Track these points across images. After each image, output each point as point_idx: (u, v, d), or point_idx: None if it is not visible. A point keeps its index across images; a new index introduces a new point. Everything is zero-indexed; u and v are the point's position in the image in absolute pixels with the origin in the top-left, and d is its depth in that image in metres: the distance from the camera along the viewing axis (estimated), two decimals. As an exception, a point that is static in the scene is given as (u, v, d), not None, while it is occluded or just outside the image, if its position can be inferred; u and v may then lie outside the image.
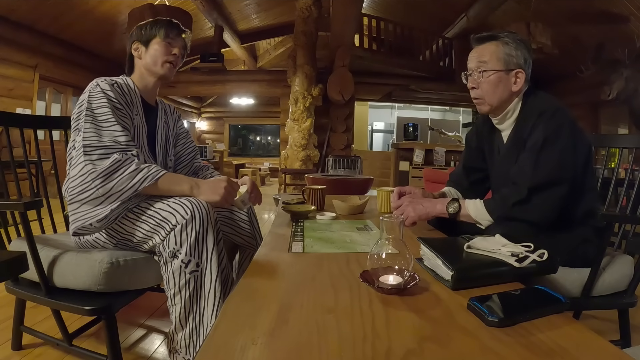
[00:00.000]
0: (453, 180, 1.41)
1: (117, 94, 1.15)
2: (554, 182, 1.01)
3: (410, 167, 5.85)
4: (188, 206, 1.02)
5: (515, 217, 1.03)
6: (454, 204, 1.11)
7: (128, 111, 1.17)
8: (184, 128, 1.50)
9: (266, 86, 7.42)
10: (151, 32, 1.25)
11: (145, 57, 1.26)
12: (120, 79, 1.23)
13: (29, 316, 1.34)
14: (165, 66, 1.26)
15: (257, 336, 0.53)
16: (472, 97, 1.18)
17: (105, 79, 1.16)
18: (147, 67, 1.26)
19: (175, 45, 1.28)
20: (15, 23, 4.74)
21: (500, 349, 0.51)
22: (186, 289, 1.00)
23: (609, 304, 1.12)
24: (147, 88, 1.29)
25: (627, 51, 4.45)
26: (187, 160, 1.47)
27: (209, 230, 1.03)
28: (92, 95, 1.11)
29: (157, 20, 1.27)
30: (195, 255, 1.00)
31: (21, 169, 1.38)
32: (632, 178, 1.45)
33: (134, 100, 1.23)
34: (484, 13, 5.79)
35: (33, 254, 1.00)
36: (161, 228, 1.02)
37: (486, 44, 1.13)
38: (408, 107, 10.65)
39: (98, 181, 1.00)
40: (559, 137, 1.01)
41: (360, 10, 5.40)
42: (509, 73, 1.11)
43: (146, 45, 1.26)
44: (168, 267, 1.01)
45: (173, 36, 1.28)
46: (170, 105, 1.47)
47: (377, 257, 0.70)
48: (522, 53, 1.11)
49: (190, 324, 1.01)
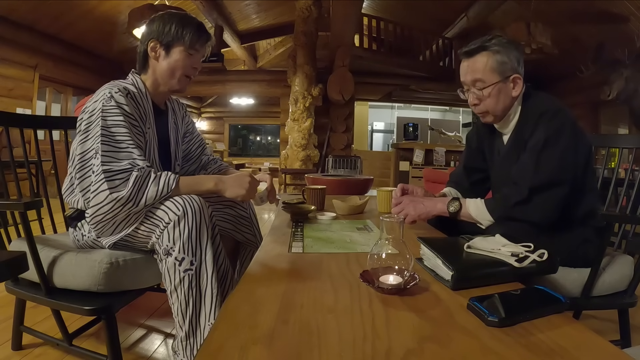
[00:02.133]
0: (453, 180, 1.41)
1: (131, 107, 1.07)
2: (555, 183, 1.01)
3: (410, 167, 5.85)
4: (180, 202, 1.00)
5: (516, 217, 1.03)
6: (455, 203, 1.11)
7: (141, 124, 1.11)
8: (191, 122, 1.43)
9: (266, 86, 7.42)
10: (176, 35, 1.12)
11: (162, 62, 1.14)
12: (131, 83, 1.15)
13: (29, 316, 1.34)
14: (183, 80, 1.17)
15: (257, 336, 0.53)
16: (476, 112, 1.18)
17: (118, 88, 1.06)
18: (162, 75, 1.15)
19: (199, 56, 1.17)
20: (15, 23, 4.74)
21: (500, 349, 0.51)
22: (181, 287, 0.98)
23: (609, 304, 1.12)
24: (158, 93, 1.21)
25: (627, 51, 4.45)
26: (195, 156, 1.42)
27: (203, 226, 1.00)
28: (107, 109, 1.03)
29: (184, 21, 1.13)
30: (189, 253, 0.98)
31: (21, 169, 1.38)
32: (632, 178, 1.45)
33: (147, 109, 1.15)
34: (484, 13, 5.79)
35: (33, 254, 1.00)
36: (156, 227, 1.01)
37: (477, 57, 1.11)
38: (408, 107, 10.66)
39: (129, 204, 0.98)
40: (560, 138, 1.01)
41: (360, 10, 5.40)
42: (506, 81, 1.10)
43: (167, 50, 1.13)
44: (163, 264, 1.00)
45: (199, 46, 1.15)
46: (177, 100, 1.39)
47: (377, 257, 0.70)
48: (514, 55, 1.10)
49: (186, 326, 0.99)
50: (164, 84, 1.17)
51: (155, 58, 1.15)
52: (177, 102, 1.38)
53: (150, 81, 1.18)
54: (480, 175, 1.35)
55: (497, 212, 1.05)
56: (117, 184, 0.97)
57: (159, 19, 1.15)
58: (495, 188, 1.30)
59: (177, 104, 1.38)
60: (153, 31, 1.14)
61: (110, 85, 1.08)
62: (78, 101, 6.06)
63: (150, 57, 1.15)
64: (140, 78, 1.18)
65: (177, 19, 1.14)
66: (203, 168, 1.44)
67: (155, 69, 1.16)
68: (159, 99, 1.24)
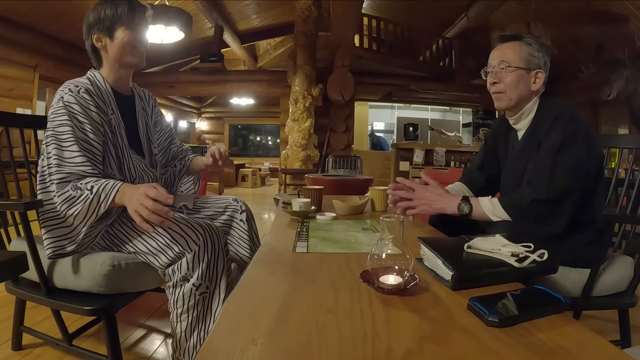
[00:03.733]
0: (467, 177, 1.40)
1: (85, 101, 1.06)
2: (570, 187, 1.02)
3: (410, 167, 5.85)
4: (200, 232, 1.03)
5: (530, 215, 1.03)
6: (466, 204, 1.11)
7: (102, 114, 1.10)
8: (160, 113, 1.42)
9: (266, 86, 7.41)
10: (112, 18, 1.11)
11: (111, 49, 1.13)
12: (87, 79, 1.14)
13: (29, 316, 1.34)
14: (137, 54, 1.15)
15: (257, 336, 0.53)
16: (492, 91, 1.19)
17: (70, 88, 1.07)
18: (116, 59, 1.14)
19: (141, 28, 1.15)
20: (15, 23, 4.74)
21: (500, 349, 0.51)
22: (195, 308, 1.02)
23: (609, 304, 1.12)
24: (119, 80, 1.19)
25: (627, 51, 4.44)
26: (164, 147, 1.41)
27: (220, 255, 1.05)
28: (55, 110, 1.04)
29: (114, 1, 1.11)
30: (206, 279, 1.02)
31: (21, 169, 1.38)
32: (632, 178, 1.45)
33: (106, 99, 1.13)
34: (484, 13, 5.78)
35: (33, 254, 1.00)
36: (169, 249, 1.02)
37: (509, 43, 1.16)
38: (408, 107, 10.64)
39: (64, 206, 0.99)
40: (575, 141, 1.03)
41: (360, 10, 5.39)
42: (529, 72, 1.13)
43: (110, 35, 1.12)
44: (177, 289, 1.02)
45: (138, 19, 1.14)
46: (144, 90, 1.37)
47: (377, 257, 0.70)
48: (543, 56, 1.14)
49: (195, 338, 1.03)
50: (120, 65, 1.16)
51: (104, 47, 1.14)
52: (144, 91, 1.36)
53: (107, 71, 1.17)
54: (495, 173, 1.35)
55: (513, 210, 1.05)
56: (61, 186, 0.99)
57: (92, 10, 1.14)
58: (504, 183, 1.29)
59: (145, 93, 1.36)
60: (91, 24, 1.14)
61: (63, 86, 1.09)
62: (78, 101, 6.05)
63: (100, 49, 1.15)
64: (99, 72, 1.18)
65: (107, 2, 1.13)
66: (174, 158, 1.43)
67: (108, 57, 1.16)
68: (120, 85, 1.21)
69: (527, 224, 1.03)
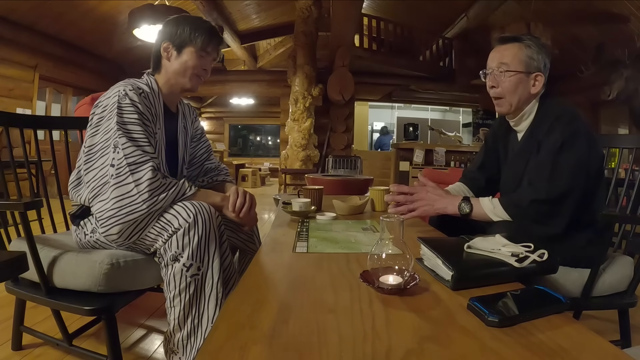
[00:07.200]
0: (468, 177, 1.40)
1: (144, 106, 1.09)
2: (570, 187, 1.02)
3: (410, 167, 5.84)
4: (191, 209, 1.01)
5: (530, 216, 1.03)
6: (467, 204, 1.11)
7: (152, 125, 1.12)
8: (200, 127, 1.44)
9: (266, 86, 7.42)
10: (188, 37, 1.15)
11: (174, 62, 1.17)
12: (145, 83, 1.16)
13: (29, 316, 1.34)
14: (194, 80, 1.19)
15: (257, 336, 0.53)
16: (492, 96, 1.19)
17: (132, 86, 1.09)
18: (174, 74, 1.18)
19: (210, 59, 1.19)
20: (15, 23, 4.74)
21: (500, 349, 0.51)
22: (186, 292, 1.00)
23: (609, 304, 1.12)
24: (171, 93, 1.22)
25: (627, 51, 4.44)
26: (199, 162, 1.42)
27: (212, 234, 1.02)
28: (123, 107, 1.05)
29: (197, 24, 1.16)
30: (197, 259, 1.00)
31: (21, 169, 1.38)
32: (632, 178, 1.45)
33: (158, 110, 1.16)
34: (484, 13, 5.78)
35: (33, 254, 1.00)
36: (165, 231, 1.02)
37: (508, 45, 1.15)
38: (408, 107, 10.65)
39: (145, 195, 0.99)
40: (575, 142, 1.03)
41: (360, 10, 5.39)
42: (529, 75, 1.12)
43: (178, 50, 1.16)
44: (169, 269, 1.01)
45: (210, 49, 1.18)
46: (189, 104, 1.40)
47: (377, 257, 0.70)
48: (543, 58, 1.13)
49: (188, 326, 1.00)
50: (176, 82, 1.19)
51: (167, 58, 1.17)
52: (188, 106, 1.39)
53: (162, 81, 1.20)
54: (495, 173, 1.35)
55: (513, 210, 1.05)
56: (140, 175, 0.99)
57: (173, 21, 1.18)
58: (505, 184, 1.29)
59: (189, 108, 1.39)
60: (166, 33, 1.17)
61: (124, 83, 1.10)
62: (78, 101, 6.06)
63: (163, 57, 1.18)
64: (154, 78, 1.20)
65: (190, 22, 1.17)
66: (205, 174, 1.43)
67: (167, 69, 1.18)
68: (170, 101, 1.24)
69: (527, 224, 1.03)
